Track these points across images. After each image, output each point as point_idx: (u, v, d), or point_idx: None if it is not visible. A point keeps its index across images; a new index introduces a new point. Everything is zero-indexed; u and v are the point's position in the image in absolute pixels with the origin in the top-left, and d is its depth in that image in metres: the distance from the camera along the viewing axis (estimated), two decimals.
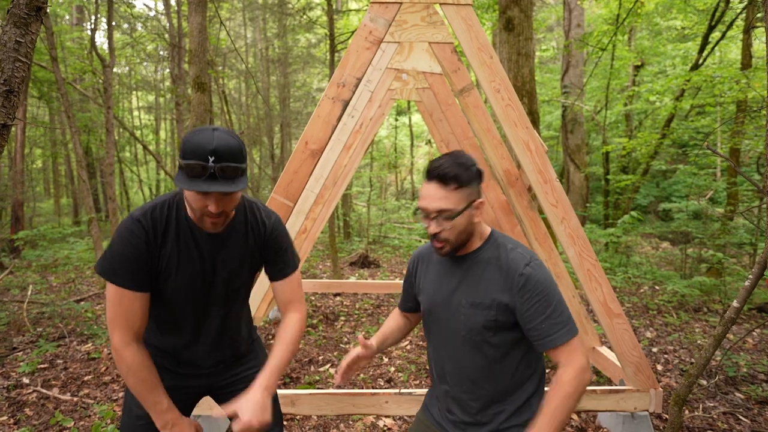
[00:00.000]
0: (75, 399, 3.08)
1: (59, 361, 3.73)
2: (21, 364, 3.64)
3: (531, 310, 1.23)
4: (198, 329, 1.40)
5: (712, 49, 7.01)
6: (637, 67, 10.53)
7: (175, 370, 1.43)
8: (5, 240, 9.09)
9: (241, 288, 1.44)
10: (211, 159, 1.13)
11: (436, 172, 1.22)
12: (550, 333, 1.22)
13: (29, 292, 5.30)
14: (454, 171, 1.21)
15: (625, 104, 10.20)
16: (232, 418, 1.24)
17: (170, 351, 1.42)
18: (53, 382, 3.35)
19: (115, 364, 1.25)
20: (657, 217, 11.61)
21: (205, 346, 1.43)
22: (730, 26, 6.89)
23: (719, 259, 5.26)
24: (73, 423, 2.77)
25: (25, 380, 3.37)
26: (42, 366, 3.64)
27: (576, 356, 1.22)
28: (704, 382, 3.25)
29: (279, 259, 1.43)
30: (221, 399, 1.52)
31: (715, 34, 7.25)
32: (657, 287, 5.93)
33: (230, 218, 1.33)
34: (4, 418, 2.84)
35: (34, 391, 3.21)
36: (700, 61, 6.91)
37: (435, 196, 1.22)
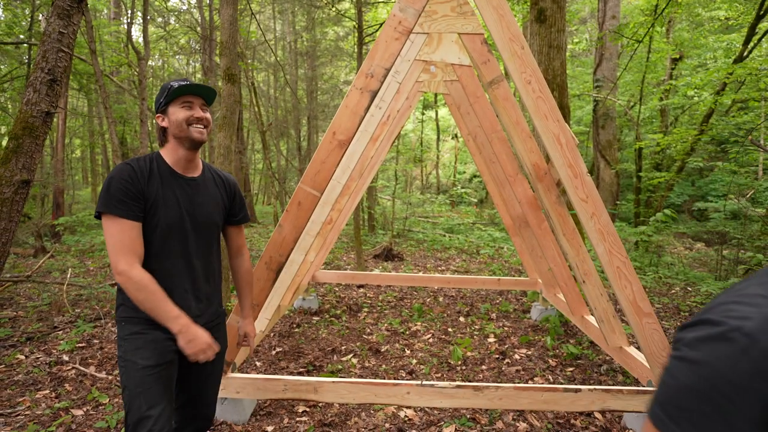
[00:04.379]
0: (110, 377, 3.22)
1: (95, 341, 3.91)
2: (61, 342, 3.84)
3: None
4: (184, 265, 1.56)
5: (760, 39, 6.65)
6: (674, 60, 10.10)
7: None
8: (47, 225, 9.54)
9: (217, 230, 1.69)
10: (186, 81, 1.54)
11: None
12: None
13: (68, 275, 5.55)
14: None
15: (661, 99, 9.82)
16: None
17: (169, 295, 1.54)
18: (90, 361, 3.52)
19: (124, 288, 1.41)
20: (691, 216, 11.18)
21: (188, 287, 1.58)
22: None
23: (759, 261, 5.03)
24: (108, 399, 2.90)
25: (65, 357, 3.55)
26: (80, 345, 3.82)
27: None
28: None
29: (241, 207, 1.78)
30: (187, 361, 1.62)
31: (763, 24, 6.88)
32: (689, 288, 5.72)
33: (209, 132, 1.61)
34: (46, 392, 3.00)
35: (73, 368, 3.37)
36: (745, 53, 6.57)
37: None
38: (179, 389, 1.65)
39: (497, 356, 3.70)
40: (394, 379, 3.28)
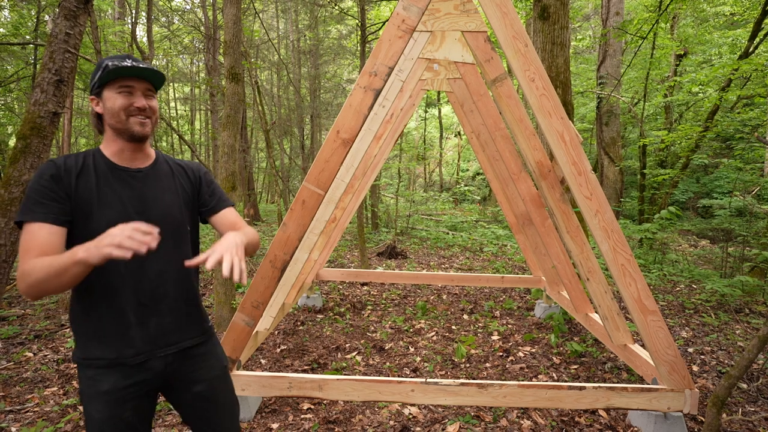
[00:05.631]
0: None
1: None
2: (68, 339, 3.87)
3: None
4: (143, 281, 1.27)
5: (766, 35, 6.59)
6: (679, 57, 10.04)
7: (123, 361, 1.26)
8: None
9: (181, 229, 1.36)
10: (129, 60, 1.25)
11: None
12: None
13: None
14: None
15: (665, 95, 9.76)
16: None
17: (117, 325, 1.25)
18: None
19: (24, 292, 1.10)
20: (696, 213, 11.13)
21: (154, 306, 1.29)
22: None
23: (765, 258, 5.01)
24: None
25: None
26: None
27: None
28: (744, 386, 3.12)
29: (214, 193, 1.46)
30: (180, 398, 1.39)
31: None
32: (694, 286, 5.70)
33: (155, 123, 1.32)
34: (55, 388, 3.04)
35: None
36: (751, 49, 6.53)
37: None
38: (190, 426, 1.44)
39: (501, 354, 3.71)
40: (398, 376, 3.29)
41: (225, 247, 1.15)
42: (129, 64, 1.23)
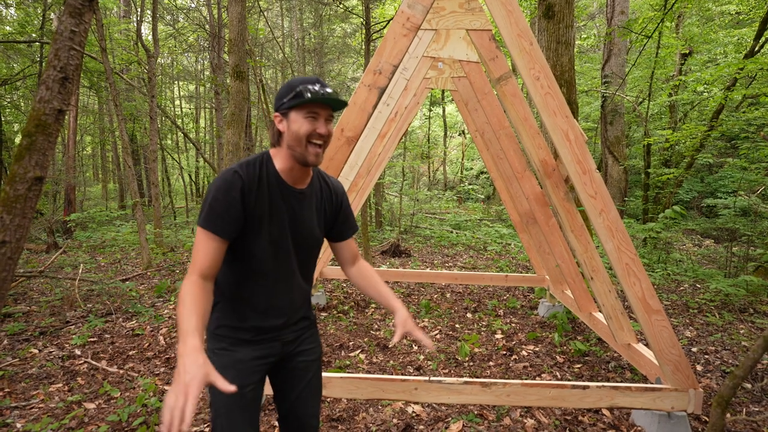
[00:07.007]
0: (121, 371, 3.27)
1: (107, 336, 3.97)
2: (73, 336, 3.90)
3: None
4: (283, 285, 1.43)
5: None
6: (684, 56, 9.98)
7: (255, 339, 1.44)
8: (59, 221, 9.67)
9: (317, 247, 1.51)
10: (318, 84, 1.30)
11: None
12: None
13: (80, 271, 5.63)
14: None
15: (670, 94, 9.71)
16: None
17: (254, 316, 1.43)
18: (102, 355, 3.57)
19: None
20: (700, 213, 11.08)
21: (285, 307, 1.46)
22: None
23: None
24: (119, 393, 2.95)
25: (77, 352, 3.61)
26: (91, 339, 3.88)
27: None
28: (749, 386, 3.11)
29: (347, 219, 1.58)
30: (282, 371, 1.56)
31: None
32: (698, 285, 5.68)
33: (327, 146, 1.40)
34: (59, 385, 3.06)
35: (85, 362, 3.43)
36: (757, 48, 6.48)
37: None
38: (279, 399, 1.58)
39: (504, 353, 3.71)
40: (402, 374, 3.30)
41: (409, 323, 1.45)
42: (321, 91, 1.29)
